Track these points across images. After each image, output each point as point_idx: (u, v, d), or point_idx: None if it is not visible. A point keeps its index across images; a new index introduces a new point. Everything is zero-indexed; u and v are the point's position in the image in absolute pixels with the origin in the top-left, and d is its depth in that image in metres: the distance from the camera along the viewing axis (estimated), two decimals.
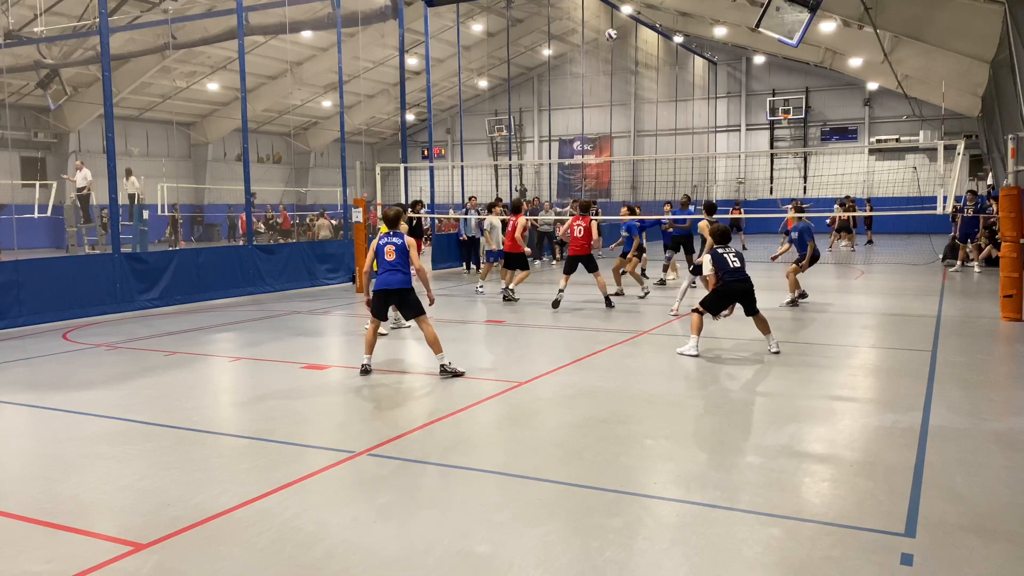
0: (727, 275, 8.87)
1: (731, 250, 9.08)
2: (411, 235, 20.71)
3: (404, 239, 8.16)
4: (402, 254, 8.06)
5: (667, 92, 39.56)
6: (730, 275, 8.86)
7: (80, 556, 3.94)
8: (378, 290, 8.09)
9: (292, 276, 15.71)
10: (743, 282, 8.90)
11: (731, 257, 8.97)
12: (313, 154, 44.41)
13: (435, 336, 7.97)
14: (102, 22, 13.32)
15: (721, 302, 8.96)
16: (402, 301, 8.12)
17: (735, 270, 8.88)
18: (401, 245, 8.09)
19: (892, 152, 37.46)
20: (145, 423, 6.36)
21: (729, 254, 9.01)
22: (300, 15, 24.26)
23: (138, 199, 21.26)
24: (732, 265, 8.90)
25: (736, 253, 9.05)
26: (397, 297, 8.08)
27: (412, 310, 8.14)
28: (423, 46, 27.27)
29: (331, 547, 4.03)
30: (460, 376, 7.83)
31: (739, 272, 8.89)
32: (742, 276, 8.90)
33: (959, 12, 19.26)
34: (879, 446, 5.56)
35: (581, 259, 12.97)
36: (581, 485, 4.84)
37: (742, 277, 8.90)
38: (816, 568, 3.74)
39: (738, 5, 28.37)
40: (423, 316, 8.09)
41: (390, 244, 8.09)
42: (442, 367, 7.90)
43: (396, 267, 8.02)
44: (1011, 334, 10.03)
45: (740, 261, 8.99)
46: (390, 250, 8.07)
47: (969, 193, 20.06)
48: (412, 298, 8.10)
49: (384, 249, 8.09)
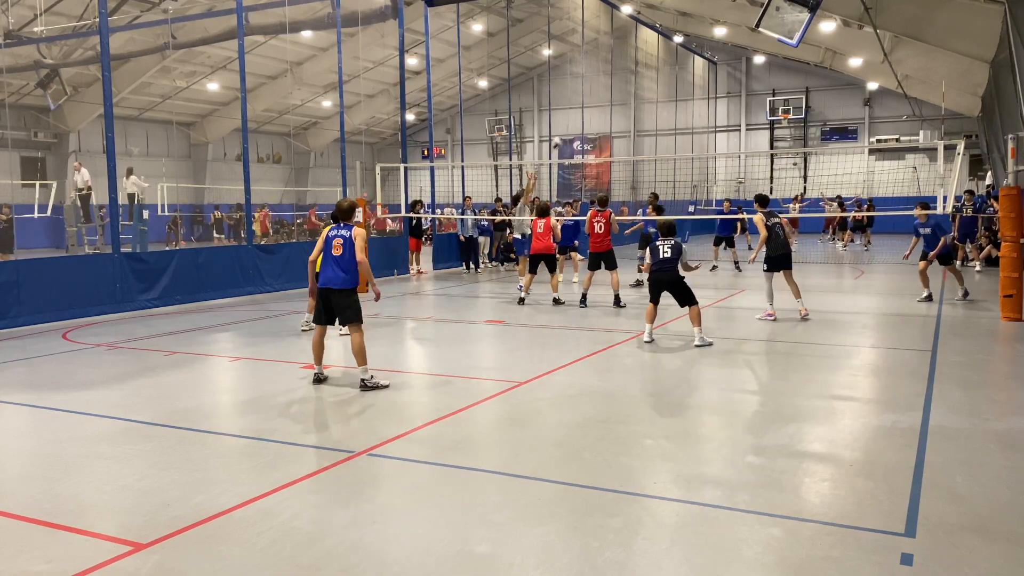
0: (655, 265, 9.67)
1: (670, 241, 9.70)
2: (412, 235, 20.70)
3: (352, 231, 7.49)
4: (350, 249, 7.41)
5: (667, 92, 39.56)
6: (657, 265, 9.63)
7: (80, 556, 3.94)
8: (321, 288, 7.53)
9: (292, 276, 15.70)
10: (668, 272, 9.57)
11: (664, 249, 9.62)
12: (313, 154, 44.41)
13: (362, 347, 7.45)
14: (102, 22, 13.32)
15: (652, 291, 9.77)
16: (340, 302, 7.49)
17: (662, 260, 9.58)
18: (348, 238, 7.44)
19: (892, 152, 37.46)
20: (145, 423, 6.35)
21: (664, 245, 9.64)
22: (300, 15, 24.25)
23: (138, 199, 21.25)
24: (662, 255, 9.61)
25: (672, 245, 9.62)
26: (336, 298, 7.48)
27: (348, 314, 7.50)
28: (423, 46, 27.28)
29: (331, 547, 4.03)
30: (384, 388, 7.39)
31: (666, 263, 9.57)
32: (668, 267, 9.58)
33: (959, 12, 19.25)
34: (879, 446, 5.56)
35: (601, 256, 12.92)
36: (581, 485, 4.84)
37: (667, 268, 9.58)
38: (816, 568, 3.74)
39: (738, 5, 28.36)
40: (357, 324, 7.50)
41: (339, 237, 7.47)
42: (363, 381, 7.38)
43: (340, 264, 7.41)
44: (1011, 334, 10.03)
45: (674, 252, 9.58)
46: (338, 244, 7.44)
47: (966, 193, 20.06)
48: (351, 300, 7.49)
49: (332, 242, 7.48)
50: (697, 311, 9.44)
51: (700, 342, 9.22)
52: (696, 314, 9.41)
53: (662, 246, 9.62)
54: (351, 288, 7.50)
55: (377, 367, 8.29)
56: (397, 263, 19.29)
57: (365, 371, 7.44)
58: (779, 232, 11.39)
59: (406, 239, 19.88)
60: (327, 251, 7.51)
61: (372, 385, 7.39)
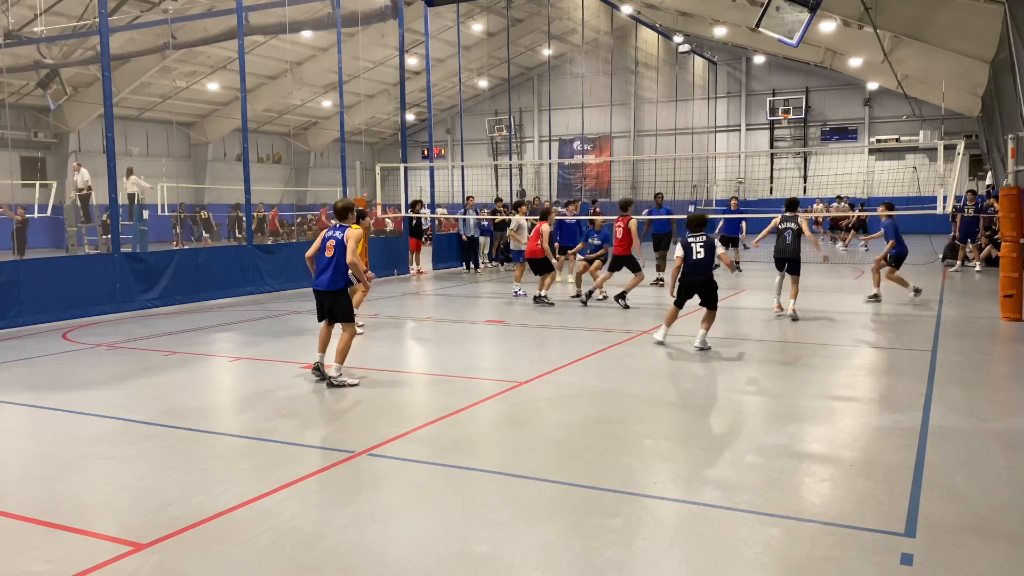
0: (688, 267, 9.00)
1: (701, 239, 9.02)
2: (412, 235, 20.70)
3: (344, 232, 7.47)
4: (339, 252, 7.42)
5: (667, 92, 39.57)
6: (690, 267, 8.99)
7: (80, 556, 3.94)
8: (313, 288, 7.64)
9: (292, 276, 15.70)
10: (702, 274, 8.98)
11: (697, 248, 8.95)
12: (313, 154, 44.41)
13: (347, 347, 7.52)
14: (102, 22, 13.31)
15: (682, 293, 9.15)
16: (329, 303, 7.58)
17: (696, 262, 8.95)
18: (339, 240, 7.43)
19: (892, 152, 37.47)
20: (145, 423, 6.35)
21: (696, 244, 8.97)
22: (300, 15, 24.25)
23: (138, 199, 21.26)
24: (695, 256, 8.95)
25: (704, 243, 8.99)
26: (325, 299, 7.57)
27: (339, 314, 7.61)
28: (423, 46, 27.26)
29: (331, 547, 4.03)
30: (354, 387, 7.41)
31: (699, 264, 8.95)
32: (702, 268, 8.97)
33: (959, 12, 19.25)
34: (879, 446, 5.56)
35: (624, 260, 12.88)
36: (581, 485, 4.84)
37: (702, 269, 8.97)
38: (816, 568, 3.74)
39: (738, 5, 28.36)
40: (349, 323, 7.61)
41: (332, 239, 7.49)
42: (330, 380, 7.42)
43: (330, 266, 7.44)
44: (1011, 334, 10.03)
45: (707, 252, 8.96)
46: (331, 245, 7.47)
47: (969, 193, 20.06)
48: (341, 300, 7.56)
49: (326, 243, 7.52)
50: (713, 316, 9.11)
51: (701, 345, 8.98)
52: (710, 318, 9.08)
53: (695, 245, 8.95)
54: (338, 289, 7.54)
55: (377, 367, 8.30)
56: (397, 263, 19.29)
57: (338, 369, 7.47)
58: (787, 236, 11.30)
59: (406, 239, 19.89)
60: (320, 252, 7.62)
61: (339, 384, 7.42)
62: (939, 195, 12.69)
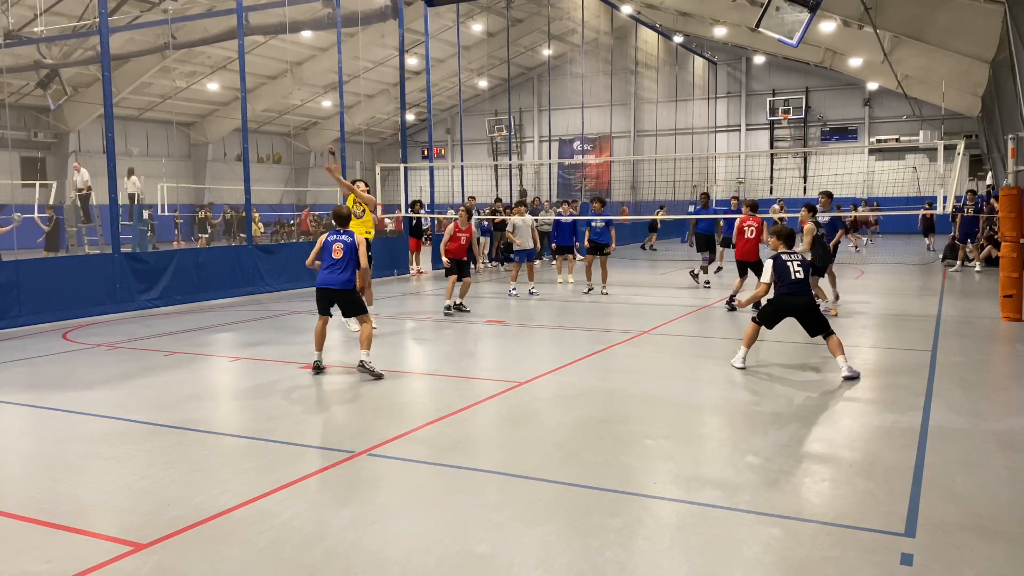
0: (785, 287, 7.78)
1: (797, 257, 7.89)
2: (411, 235, 20.71)
3: (354, 237, 7.98)
4: (350, 253, 7.89)
5: (667, 92, 39.58)
6: (787, 287, 7.77)
7: (80, 556, 3.94)
8: (318, 287, 7.97)
9: (292, 276, 15.71)
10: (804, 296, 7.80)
11: (794, 267, 7.78)
12: (313, 154, 44.42)
13: (369, 336, 7.90)
14: (102, 22, 13.31)
15: (776, 315, 7.90)
16: (342, 301, 7.98)
17: (794, 282, 7.74)
18: (350, 244, 7.92)
19: (892, 152, 37.48)
20: (145, 423, 6.35)
21: (793, 263, 7.81)
22: (300, 15, 24.25)
23: (138, 199, 21.26)
24: (793, 276, 7.75)
25: (801, 261, 7.88)
26: (337, 297, 7.94)
27: (352, 308, 8.04)
28: (423, 46, 27.27)
29: (331, 547, 4.03)
30: (380, 378, 7.67)
31: (798, 285, 7.76)
32: (803, 290, 7.79)
33: (959, 12, 19.26)
34: (879, 446, 5.56)
35: (750, 265, 11.98)
36: (581, 485, 4.84)
37: (803, 290, 7.79)
38: (816, 568, 3.74)
39: (738, 5, 28.38)
40: (364, 315, 7.97)
41: (339, 242, 7.93)
42: (361, 363, 7.79)
43: (341, 266, 7.86)
44: (1011, 334, 10.03)
45: (805, 270, 7.84)
46: (338, 248, 7.90)
47: (969, 193, 20.06)
48: (352, 297, 7.97)
49: (332, 246, 7.93)
50: (837, 340, 7.68)
51: (849, 373, 7.48)
52: (837, 343, 7.65)
53: (792, 264, 7.76)
54: (351, 289, 7.95)
55: (377, 367, 8.29)
56: (397, 263, 19.29)
57: (367, 355, 7.81)
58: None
59: (406, 239, 19.88)
60: (327, 254, 7.94)
61: (368, 368, 7.73)
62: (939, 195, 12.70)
